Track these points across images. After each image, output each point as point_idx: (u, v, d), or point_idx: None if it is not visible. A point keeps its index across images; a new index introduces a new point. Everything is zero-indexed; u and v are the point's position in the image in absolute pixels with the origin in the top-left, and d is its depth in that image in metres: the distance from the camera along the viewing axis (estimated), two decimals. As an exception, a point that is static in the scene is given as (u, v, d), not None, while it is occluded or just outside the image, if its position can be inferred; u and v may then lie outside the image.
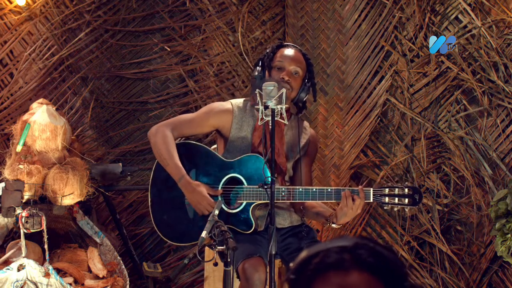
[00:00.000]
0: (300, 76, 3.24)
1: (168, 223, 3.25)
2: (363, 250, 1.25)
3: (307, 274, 1.27)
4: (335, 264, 1.24)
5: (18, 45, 4.87)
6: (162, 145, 3.21)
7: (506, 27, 4.33)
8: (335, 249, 1.26)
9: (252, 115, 3.26)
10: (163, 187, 3.27)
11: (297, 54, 3.26)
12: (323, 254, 1.27)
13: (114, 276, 4.08)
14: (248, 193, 3.12)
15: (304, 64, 3.26)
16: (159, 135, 3.24)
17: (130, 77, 4.92)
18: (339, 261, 1.24)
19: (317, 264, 1.26)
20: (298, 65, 3.23)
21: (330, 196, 3.05)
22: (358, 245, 1.26)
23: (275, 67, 3.22)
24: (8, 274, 3.72)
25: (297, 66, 3.22)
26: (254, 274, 2.87)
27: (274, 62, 3.23)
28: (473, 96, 4.42)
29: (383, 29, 4.62)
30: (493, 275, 4.33)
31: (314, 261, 1.26)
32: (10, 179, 4.00)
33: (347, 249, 1.25)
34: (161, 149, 3.20)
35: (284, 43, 3.34)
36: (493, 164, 4.36)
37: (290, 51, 3.26)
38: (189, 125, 3.28)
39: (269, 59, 3.25)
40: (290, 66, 3.21)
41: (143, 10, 4.91)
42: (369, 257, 1.24)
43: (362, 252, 1.25)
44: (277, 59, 3.23)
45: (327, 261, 1.25)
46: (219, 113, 3.28)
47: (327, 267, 1.25)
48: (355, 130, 4.65)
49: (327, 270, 1.25)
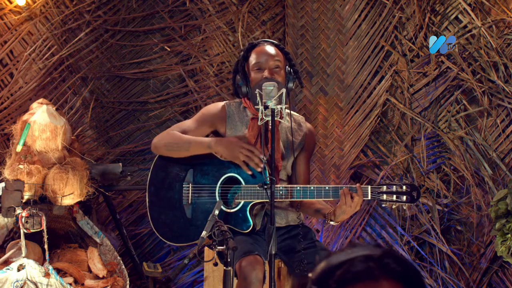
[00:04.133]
0: (282, 69, 3.21)
1: (165, 223, 3.25)
2: (390, 259, 1.22)
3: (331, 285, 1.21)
4: (363, 274, 1.20)
5: (18, 45, 4.87)
6: (171, 139, 3.23)
7: (506, 27, 4.33)
8: (360, 258, 1.22)
9: (246, 115, 3.26)
10: (160, 187, 3.27)
11: (271, 49, 3.22)
12: (348, 264, 1.22)
13: (114, 276, 4.08)
14: (246, 193, 3.12)
15: (281, 55, 3.22)
16: (163, 138, 3.26)
17: (130, 77, 4.92)
18: (367, 271, 1.20)
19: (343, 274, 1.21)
20: (276, 59, 3.19)
21: (328, 194, 3.05)
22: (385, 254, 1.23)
23: (253, 69, 3.20)
24: (8, 274, 3.72)
25: (275, 61, 3.19)
26: (251, 273, 2.87)
27: (251, 64, 3.21)
28: (473, 96, 4.42)
29: (383, 29, 4.62)
30: (493, 275, 4.33)
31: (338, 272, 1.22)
32: (10, 179, 3.99)
33: (374, 258, 1.22)
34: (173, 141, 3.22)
35: (254, 42, 3.29)
36: (493, 164, 4.36)
37: (264, 48, 3.23)
38: (186, 129, 3.29)
39: (244, 63, 3.23)
40: (269, 63, 3.19)
41: (143, 10, 4.91)
42: (398, 266, 1.22)
43: (390, 261, 1.22)
44: (253, 61, 3.21)
45: (353, 270, 1.21)
46: (213, 115, 3.29)
47: (354, 278, 1.21)
48: (355, 130, 4.65)
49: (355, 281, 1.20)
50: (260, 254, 2.96)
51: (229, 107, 3.30)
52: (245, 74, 3.21)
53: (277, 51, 3.23)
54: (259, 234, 3.15)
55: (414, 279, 1.23)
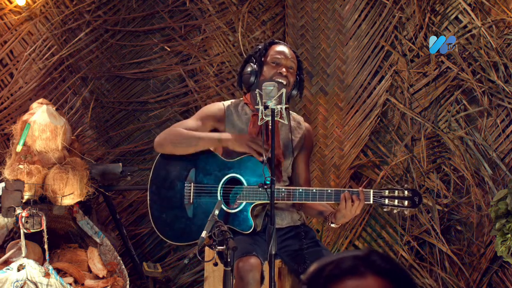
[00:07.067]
0: (295, 72, 3.29)
1: (166, 222, 3.24)
2: (376, 257, 1.29)
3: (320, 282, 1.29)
4: (350, 270, 1.28)
5: (18, 45, 4.87)
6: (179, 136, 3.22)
7: (506, 27, 4.33)
8: (348, 257, 1.30)
9: (245, 114, 3.27)
10: (162, 186, 3.27)
11: (290, 51, 3.31)
12: (337, 262, 1.29)
13: (114, 276, 4.08)
14: (248, 193, 3.13)
15: (296, 61, 3.31)
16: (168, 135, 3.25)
17: (130, 77, 4.92)
18: (355, 267, 1.28)
19: (331, 271, 1.28)
20: (292, 61, 3.28)
21: (330, 197, 3.05)
22: (371, 253, 1.30)
23: (269, 63, 3.24)
24: (8, 274, 3.72)
25: (292, 62, 3.27)
26: (248, 273, 2.87)
27: (268, 57, 3.26)
28: (473, 96, 4.42)
29: (383, 29, 4.62)
30: (493, 275, 4.33)
31: (327, 269, 1.29)
32: (10, 179, 4.00)
33: (360, 257, 1.29)
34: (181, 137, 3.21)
35: (275, 40, 3.38)
36: (493, 164, 4.36)
37: (284, 47, 3.31)
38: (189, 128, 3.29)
39: (262, 55, 3.26)
40: (286, 62, 3.25)
41: (143, 10, 4.91)
42: (383, 263, 1.29)
43: (376, 259, 1.29)
44: (272, 55, 3.26)
45: (341, 267, 1.28)
46: (212, 114, 3.30)
47: (342, 274, 1.28)
48: (355, 130, 4.65)
49: (342, 277, 1.27)
50: (258, 254, 2.95)
51: (228, 107, 3.31)
52: (260, 65, 3.24)
53: (294, 56, 3.32)
54: (259, 234, 3.15)
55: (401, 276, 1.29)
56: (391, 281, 1.27)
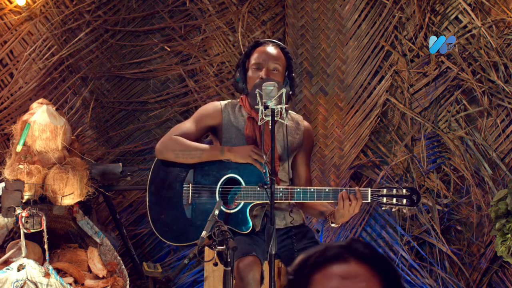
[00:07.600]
0: (280, 72, 3.20)
1: (165, 223, 3.24)
2: (359, 244, 1.37)
3: (306, 270, 1.35)
4: (335, 257, 1.35)
5: (18, 45, 4.87)
6: (181, 147, 3.21)
7: (506, 27, 4.33)
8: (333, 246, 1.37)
9: (242, 115, 3.26)
10: (161, 187, 3.27)
11: (275, 50, 3.22)
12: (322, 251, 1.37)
13: (114, 276, 4.08)
14: (246, 194, 3.13)
15: (283, 59, 3.22)
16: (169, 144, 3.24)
17: (130, 77, 4.92)
18: (338, 254, 1.35)
19: (316, 259, 1.35)
20: (276, 62, 3.19)
21: (328, 196, 3.05)
22: (353, 241, 1.38)
23: (251, 67, 3.21)
24: (8, 274, 3.72)
25: (275, 63, 3.19)
26: (248, 273, 2.87)
27: (251, 61, 3.22)
28: (473, 96, 4.42)
29: (383, 29, 4.62)
30: (493, 275, 4.33)
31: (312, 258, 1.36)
32: (10, 179, 3.99)
33: (344, 245, 1.37)
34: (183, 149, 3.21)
35: (260, 41, 3.30)
36: (493, 164, 4.36)
37: (267, 48, 3.23)
38: (187, 131, 3.29)
39: (244, 61, 3.23)
40: (268, 63, 3.18)
41: (143, 10, 4.91)
42: (366, 250, 1.36)
43: (358, 246, 1.37)
44: (254, 59, 3.21)
45: (326, 255, 1.35)
46: (209, 114, 3.30)
47: (326, 260, 1.35)
48: (355, 130, 4.65)
49: (326, 263, 1.34)
50: (257, 254, 2.95)
51: (226, 107, 3.30)
52: (244, 71, 3.22)
53: (279, 54, 3.22)
54: (258, 234, 3.15)
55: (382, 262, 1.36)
56: (372, 265, 1.34)
